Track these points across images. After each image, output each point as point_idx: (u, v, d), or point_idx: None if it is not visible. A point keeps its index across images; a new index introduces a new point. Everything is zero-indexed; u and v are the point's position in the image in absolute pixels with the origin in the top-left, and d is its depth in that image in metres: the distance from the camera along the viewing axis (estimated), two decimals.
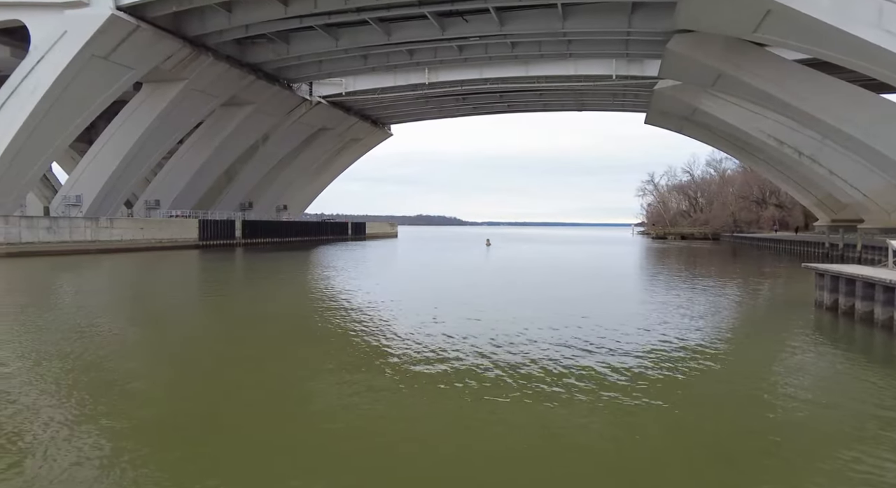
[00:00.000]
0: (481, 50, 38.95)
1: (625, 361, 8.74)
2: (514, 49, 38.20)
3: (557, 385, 7.57)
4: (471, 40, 36.90)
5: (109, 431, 5.86)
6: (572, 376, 7.94)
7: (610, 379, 7.80)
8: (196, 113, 41.49)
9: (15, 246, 31.13)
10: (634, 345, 9.89)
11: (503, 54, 39.33)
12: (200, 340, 11.19)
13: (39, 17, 30.34)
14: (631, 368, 8.37)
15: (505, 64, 42.45)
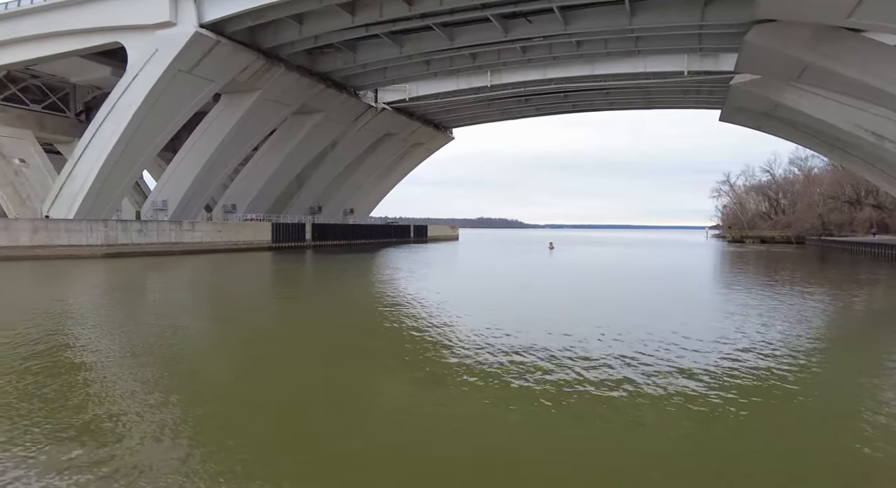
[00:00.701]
0: (545, 50, 38.48)
1: (711, 374, 8.28)
2: (580, 48, 37.42)
3: (638, 400, 7.28)
4: (534, 41, 36.53)
5: (188, 418, 6.26)
6: (657, 388, 7.61)
7: (698, 394, 7.41)
8: (269, 121, 43.65)
9: (113, 247, 34.06)
10: (720, 359, 9.35)
11: (568, 54, 38.65)
12: (279, 337, 11.71)
13: (135, 38, 33.07)
14: (720, 385, 7.91)
15: (570, 63, 41.63)
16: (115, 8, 32.82)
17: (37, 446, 5.40)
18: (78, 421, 6.11)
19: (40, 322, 12.20)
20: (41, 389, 7.24)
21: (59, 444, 5.44)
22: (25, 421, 6.06)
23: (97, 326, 12.08)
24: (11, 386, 7.38)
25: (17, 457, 5.15)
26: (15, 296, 18.13)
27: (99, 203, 35.99)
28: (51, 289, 19.79)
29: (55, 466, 4.96)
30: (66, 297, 17.12)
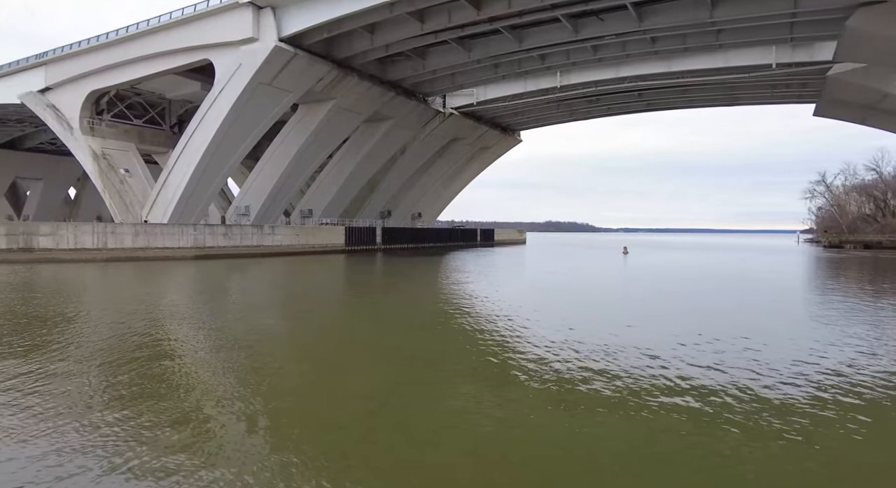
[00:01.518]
0: (618, 48, 37.32)
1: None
2: (655, 44, 35.98)
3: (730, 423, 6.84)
4: (606, 39, 35.52)
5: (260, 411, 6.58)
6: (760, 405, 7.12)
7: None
8: (343, 129, 45.33)
9: (201, 249, 36.72)
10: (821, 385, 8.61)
11: (642, 51, 37.28)
12: (352, 336, 12.09)
13: (222, 54, 35.54)
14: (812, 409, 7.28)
15: (644, 61, 40.05)
16: (205, 28, 35.46)
17: (140, 427, 5.90)
18: (171, 405, 6.60)
19: (145, 316, 13.35)
20: (145, 377, 7.90)
21: (159, 426, 5.91)
22: (127, 407, 6.63)
23: (191, 321, 13.03)
24: (123, 372, 8.11)
25: (128, 437, 5.64)
26: (123, 292, 19.93)
27: (189, 208, 38.96)
28: (151, 287, 21.58)
29: (159, 445, 5.39)
30: (164, 294, 18.63)
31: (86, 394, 7.09)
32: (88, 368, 8.40)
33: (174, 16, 36.17)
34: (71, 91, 41.27)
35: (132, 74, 39.00)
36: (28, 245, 33.36)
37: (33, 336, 10.77)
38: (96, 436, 5.66)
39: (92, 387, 7.40)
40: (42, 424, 5.99)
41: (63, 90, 41.64)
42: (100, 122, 42.44)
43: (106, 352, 9.48)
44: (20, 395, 7.00)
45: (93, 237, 34.59)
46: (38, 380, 7.66)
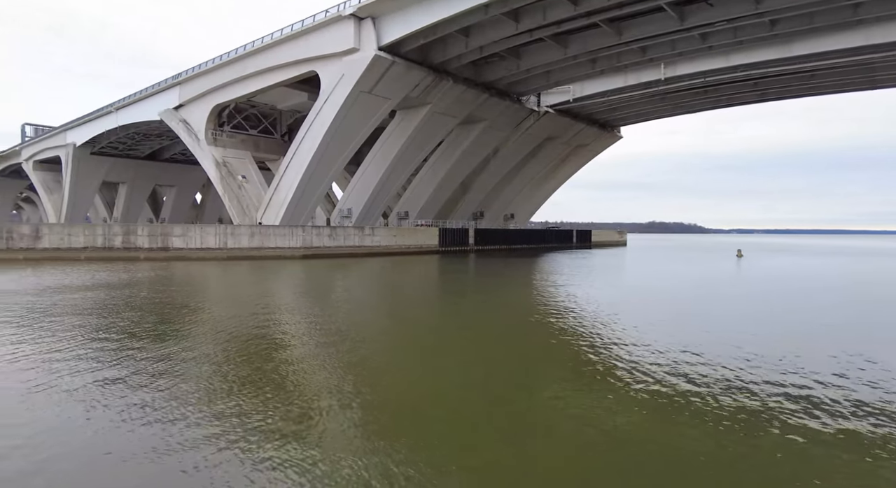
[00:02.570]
0: (729, 34, 34.51)
1: None
2: (774, 27, 32.79)
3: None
4: (717, 26, 32.98)
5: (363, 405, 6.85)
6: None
7: None
8: (438, 133, 46.25)
9: (309, 249, 39.31)
10: None
11: (759, 35, 34.12)
12: (450, 335, 12.29)
13: (327, 66, 37.79)
14: None
15: (760, 46, 36.66)
16: (311, 41, 37.90)
17: (250, 411, 6.42)
18: (281, 392, 7.12)
19: (261, 310, 14.56)
20: (260, 368, 8.60)
21: (271, 411, 6.40)
22: (243, 393, 7.24)
23: (302, 315, 13.99)
24: (241, 360, 8.91)
25: (240, 422, 6.17)
26: (243, 288, 21.87)
27: (298, 211, 41.84)
28: (266, 283, 23.45)
29: (270, 429, 5.84)
30: (277, 290, 20.17)
31: (209, 379, 7.85)
32: (213, 353, 9.30)
33: (284, 32, 39.08)
34: (199, 106, 46.07)
35: (249, 88, 42.69)
36: (164, 244, 37.70)
37: (171, 324, 12.15)
38: (214, 418, 6.25)
39: (214, 374, 8.18)
40: (168, 404, 6.72)
41: (192, 106, 46.59)
42: (221, 132, 46.96)
43: (227, 341, 10.44)
44: (156, 376, 7.91)
45: (215, 237, 38.31)
46: (176, 364, 8.61)
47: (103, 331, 11.10)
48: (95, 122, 58.18)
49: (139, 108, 51.97)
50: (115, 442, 5.57)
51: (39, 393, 7.05)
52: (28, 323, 12.05)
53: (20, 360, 8.73)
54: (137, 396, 6.92)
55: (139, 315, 13.36)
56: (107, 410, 6.45)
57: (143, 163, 69.12)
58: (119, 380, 7.64)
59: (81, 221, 63.32)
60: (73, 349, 9.49)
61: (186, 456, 5.21)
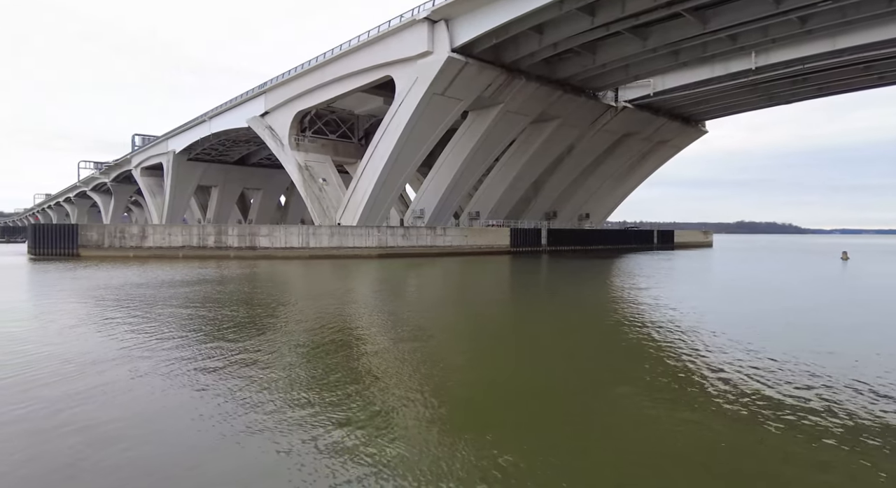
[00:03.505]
0: (835, 15, 31.53)
1: None
2: (893, 2, 29.52)
3: None
4: (819, 6, 30.24)
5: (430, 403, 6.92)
6: None
7: None
8: (510, 132, 45.93)
9: (384, 249, 40.46)
10: None
11: (871, 13, 30.83)
12: (520, 337, 12.19)
13: (401, 70, 38.68)
14: None
15: (872, 26, 33.15)
16: (387, 47, 38.93)
17: (322, 403, 6.70)
18: (358, 386, 7.37)
19: (342, 306, 15.18)
20: (341, 359, 8.96)
21: (347, 405, 6.64)
22: (321, 386, 7.56)
23: (379, 312, 14.42)
24: (320, 354, 9.33)
25: (320, 414, 6.45)
26: (325, 285, 22.90)
27: (374, 212, 43.15)
28: (346, 281, 24.40)
29: (348, 422, 6.07)
30: (357, 287, 20.94)
31: (290, 372, 8.28)
32: (295, 348, 9.81)
33: (361, 39, 40.42)
34: (282, 113, 48.73)
35: (328, 95, 44.57)
36: (252, 244, 40.23)
37: (265, 318, 12.95)
38: (294, 409, 6.57)
39: (300, 364, 8.61)
40: (255, 395, 7.15)
41: (277, 113, 49.35)
42: (303, 138, 49.38)
43: (309, 335, 10.96)
44: (244, 368, 8.44)
45: (298, 237, 40.37)
46: (265, 354, 9.17)
47: (209, 322, 12.03)
48: (191, 131, 63.21)
49: (229, 117, 55.83)
50: (204, 422, 6.00)
51: (145, 377, 7.76)
52: (149, 311, 13.31)
53: (139, 343, 9.66)
54: (232, 382, 7.43)
55: (240, 308, 14.35)
56: (206, 397, 6.98)
57: (233, 167, 74.13)
58: (216, 367, 8.24)
59: (179, 222, 69.06)
60: (182, 336, 10.36)
61: (274, 441, 5.52)
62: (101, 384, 7.57)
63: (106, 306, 14.94)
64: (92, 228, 41.21)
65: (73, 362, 8.74)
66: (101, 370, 8.28)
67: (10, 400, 6.89)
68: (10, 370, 8.24)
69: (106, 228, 41.45)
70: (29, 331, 11.45)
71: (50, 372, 8.13)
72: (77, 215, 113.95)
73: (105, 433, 5.83)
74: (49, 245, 39.91)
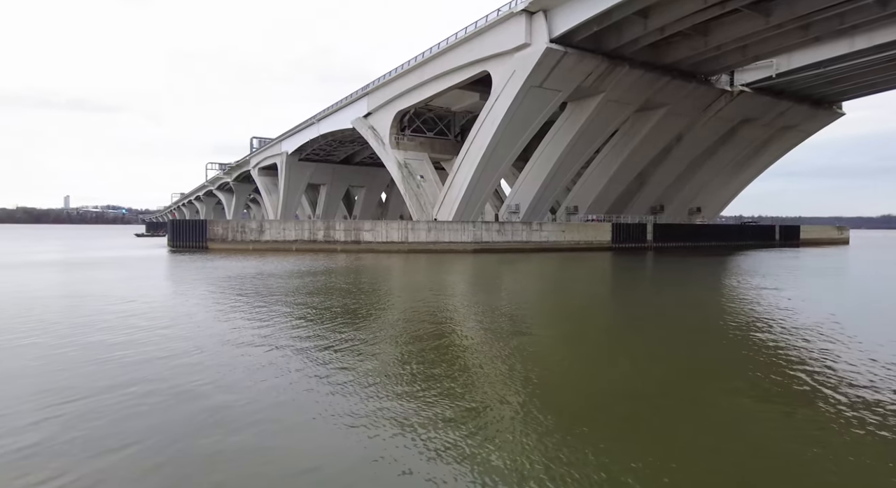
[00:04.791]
0: None
1: None
2: None
3: None
4: None
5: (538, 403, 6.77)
6: None
7: None
8: (611, 123, 43.94)
9: (479, 244, 40.67)
10: None
11: None
12: (620, 340, 11.65)
13: (498, 64, 38.48)
14: None
15: None
16: (484, 42, 38.90)
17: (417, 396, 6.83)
18: (451, 381, 7.44)
19: (438, 298, 15.52)
20: (432, 352, 9.14)
21: (439, 398, 6.74)
22: (416, 379, 7.73)
23: (475, 306, 14.53)
24: (415, 344, 9.59)
25: (410, 402, 6.61)
26: (425, 277, 23.56)
27: (469, 208, 43.47)
28: (444, 274, 24.89)
29: (438, 411, 6.16)
30: (453, 282, 21.28)
31: (392, 365, 8.56)
32: (398, 340, 10.14)
33: (459, 36, 40.76)
34: (383, 114, 50.64)
35: (426, 93, 45.54)
36: (356, 238, 42.37)
37: (368, 307, 13.59)
38: (381, 400, 6.77)
39: (397, 359, 8.89)
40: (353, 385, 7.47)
41: (378, 113, 51.38)
42: (402, 136, 50.97)
43: (410, 325, 11.29)
44: (348, 354, 8.88)
45: (398, 232, 41.84)
46: (364, 344, 9.60)
47: (322, 310, 12.90)
48: (302, 133, 67.80)
49: (335, 119, 59.10)
50: (310, 403, 6.39)
51: (248, 357, 8.45)
52: (267, 298, 14.58)
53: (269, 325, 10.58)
54: (334, 366, 7.87)
55: (348, 298, 15.21)
56: (321, 383, 7.44)
57: (339, 166, 78.47)
58: (330, 347, 8.77)
59: (292, 218, 74.45)
60: (293, 324, 11.19)
61: (370, 436, 5.74)
62: (222, 363, 8.36)
63: (231, 292, 16.52)
64: (217, 224, 45.78)
65: (193, 340, 9.75)
66: (229, 350, 9.15)
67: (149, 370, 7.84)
68: (153, 346, 9.39)
69: (229, 224, 45.85)
70: (166, 310, 12.96)
71: (190, 348, 9.13)
72: (205, 212, 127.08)
73: (222, 403, 6.43)
74: (184, 238, 45.04)
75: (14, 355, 8.83)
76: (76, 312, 13.15)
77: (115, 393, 6.90)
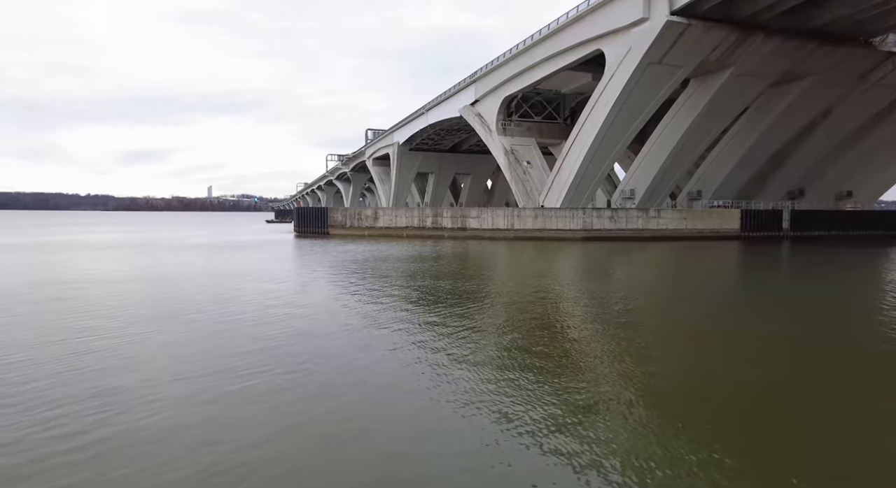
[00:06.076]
0: None
1: None
2: None
3: None
4: None
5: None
6: None
7: None
8: (742, 99, 39.76)
9: (588, 232, 39.19)
10: None
11: None
12: (755, 349, 10.57)
13: (612, 42, 36.39)
14: None
15: None
16: (596, 19, 36.94)
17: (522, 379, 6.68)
18: (555, 369, 7.20)
19: (545, 286, 15.22)
20: (539, 343, 8.94)
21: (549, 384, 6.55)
22: (524, 365, 7.59)
23: (584, 297, 14.04)
24: (521, 332, 9.45)
25: (521, 392, 6.49)
26: (532, 265, 23.28)
27: (578, 194, 41.93)
28: (552, 262, 24.38)
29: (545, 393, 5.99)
30: (562, 270, 20.75)
31: (500, 353, 8.50)
32: (506, 327, 10.08)
33: (570, 15, 39.10)
34: (490, 100, 50.33)
35: (535, 77, 44.44)
36: (462, 225, 42.90)
37: (476, 292, 13.73)
38: (491, 385, 6.69)
39: (498, 343, 8.82)
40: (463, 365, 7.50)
41: (485, 101, 51.18)
42: (509, 122, 50.35)
43: (518, 313, 11.17)
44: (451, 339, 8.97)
45: (504, 219, 41.64)
46: (470, 331, 9.67)
47: (434, 292, 13.29)
48: (412, 123, 69.75)
49: (443, 108, 59.93)
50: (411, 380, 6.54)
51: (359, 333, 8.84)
52: (384, 281, 15.36)
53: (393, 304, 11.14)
54: (435, 348, 8.00)
55: (457, 282, 15.51)
56: (428, 367, 7.64)
57: (446, 155, 79.75)
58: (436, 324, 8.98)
59: (402, 206, 77.27)
60: (403, 307, 11.63)
61: (476, 412, 5.73)
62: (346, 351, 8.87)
63: (351, 273, 17.56)
64: (337, 211, 48.95)
65: (318, 317, 10.45)
66: (352, 331, 9.72)
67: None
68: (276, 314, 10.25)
69: (347, 211, 48.81)
70: (296, 289, 14.08)
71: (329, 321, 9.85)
72: (325, 200, 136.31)
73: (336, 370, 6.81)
74: (308, 224, 48.83)
75: (225, 319, 10.12)
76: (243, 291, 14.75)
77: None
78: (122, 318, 10.73)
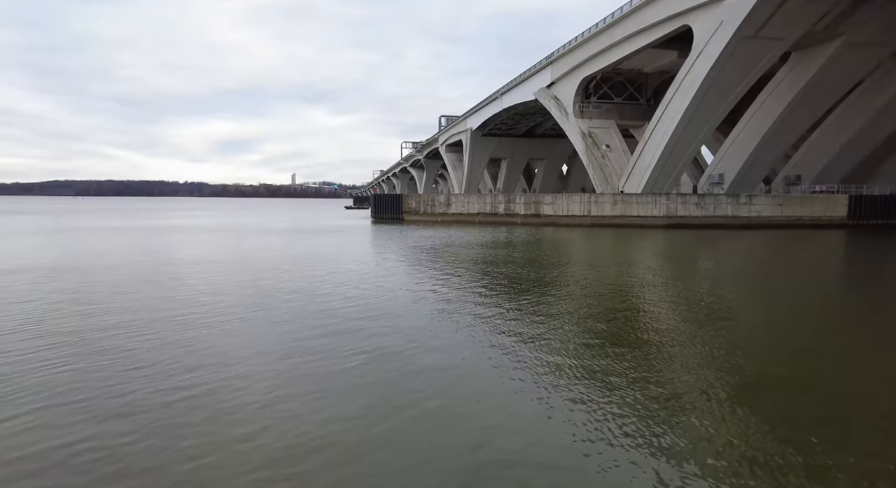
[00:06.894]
0: None
1: None
2: None
3: None
4: None
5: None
6: None
7: None
8: (853, 73, 35.98)
9: (672, 218, 37.32)
10: None
11: None
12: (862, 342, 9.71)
13: (701, 16, 34.03)
14: None
15: None
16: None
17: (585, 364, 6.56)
18: (638, 363, 7.00)
19: (625, 275, 14.78)
20: (628, 334, 8.73)
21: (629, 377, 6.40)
22: (605, 355, 7.44)
23: (669, 286, 13.49)
24: (598, 321, 9.27)
25: (605, 383, 6.39)
26: (613, 253, 22.62)
27: (661, 178, 39.93)
28: (634, 250, 23.53)
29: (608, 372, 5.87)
30: (644, 259, 20.00)
31: (578, 344, 8.39)
32: (583, 319, 9.92)
33: None
34: (567, 82, 48.82)
35: (615, 56, 42.54)
36: (536, 211, 42.27)
37: (550, 281, 13.61)
38: (569, 374, 6.61)
39: (584, 339, 8.69)
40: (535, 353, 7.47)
41: (562, 83, 49.72)
42: (587, 104, 48.63)
43: (595, 304, 10.95)
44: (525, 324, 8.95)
45: (580, 205, 40.54)
46: (544, 318, 9.60)
47: (506, 279, 13.35)
48: (485, 109, 69.20)
49: (518, 92, 58.91)
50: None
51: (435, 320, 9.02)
52: (456, 265, 15.62)
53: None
54: (505, 330, 8.04)
55: (531, 269, 15.46)
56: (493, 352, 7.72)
57: (520, 140, 78.52)
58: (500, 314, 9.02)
59: (475, 192, 77.29)
60: (477, 293, 11.75)
61: (543, 403, 5.73)
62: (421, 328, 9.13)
63: (426, 257, 17.94)
64: (411, 198, 49.84)
65: (399, 296, 10.80)
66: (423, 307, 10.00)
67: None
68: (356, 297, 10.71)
69: (420, 197, 49.56)
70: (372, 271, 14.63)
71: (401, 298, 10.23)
72: (400, 187, 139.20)
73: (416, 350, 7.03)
74: (384, 210, 50.16)
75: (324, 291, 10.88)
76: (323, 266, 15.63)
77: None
78: (247, 294, 11.65)
